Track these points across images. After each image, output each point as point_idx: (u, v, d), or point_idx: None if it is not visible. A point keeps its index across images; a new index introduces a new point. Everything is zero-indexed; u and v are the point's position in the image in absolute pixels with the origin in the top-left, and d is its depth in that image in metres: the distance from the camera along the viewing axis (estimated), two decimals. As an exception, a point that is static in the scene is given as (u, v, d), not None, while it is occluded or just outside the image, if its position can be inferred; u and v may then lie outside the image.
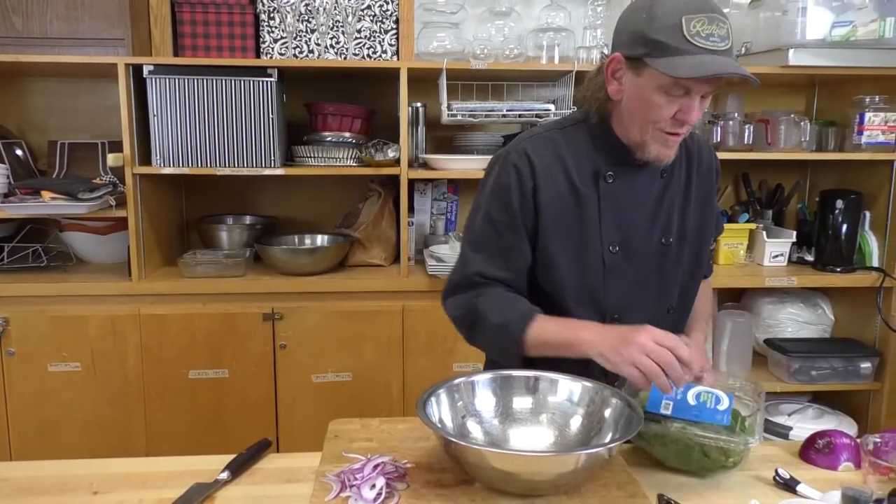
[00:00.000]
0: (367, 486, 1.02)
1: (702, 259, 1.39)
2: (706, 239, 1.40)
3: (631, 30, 1.18)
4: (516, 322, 1.23)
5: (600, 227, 1.27)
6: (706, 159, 1.39)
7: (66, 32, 2.31)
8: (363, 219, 2.50)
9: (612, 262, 1.28)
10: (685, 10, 1.11)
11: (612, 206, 1.28)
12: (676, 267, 1.34)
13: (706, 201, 1.38)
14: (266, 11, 2.37)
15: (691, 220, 1.34)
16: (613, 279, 1.29)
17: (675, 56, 1.11)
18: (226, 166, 2.28)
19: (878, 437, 1.16)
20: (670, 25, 1.11)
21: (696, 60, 1.10)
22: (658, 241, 1.31)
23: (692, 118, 1.17)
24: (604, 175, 1.27)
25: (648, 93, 1.17)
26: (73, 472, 1.15)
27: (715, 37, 1.11)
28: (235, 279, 2.31)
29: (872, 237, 2.50)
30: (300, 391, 2.30)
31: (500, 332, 1.24)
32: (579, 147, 1.29)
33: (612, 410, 1.11)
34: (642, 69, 1.16)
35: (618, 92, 1.23)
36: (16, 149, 2.50)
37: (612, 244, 1.28)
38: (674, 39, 1.11)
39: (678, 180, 1.34)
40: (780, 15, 2.32)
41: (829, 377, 2.44)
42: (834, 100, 2.69)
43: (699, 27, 1.10)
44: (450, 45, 2.46)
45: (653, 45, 1.13)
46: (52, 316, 2.20)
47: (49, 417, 2.24)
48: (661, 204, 1.31)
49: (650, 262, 1.31)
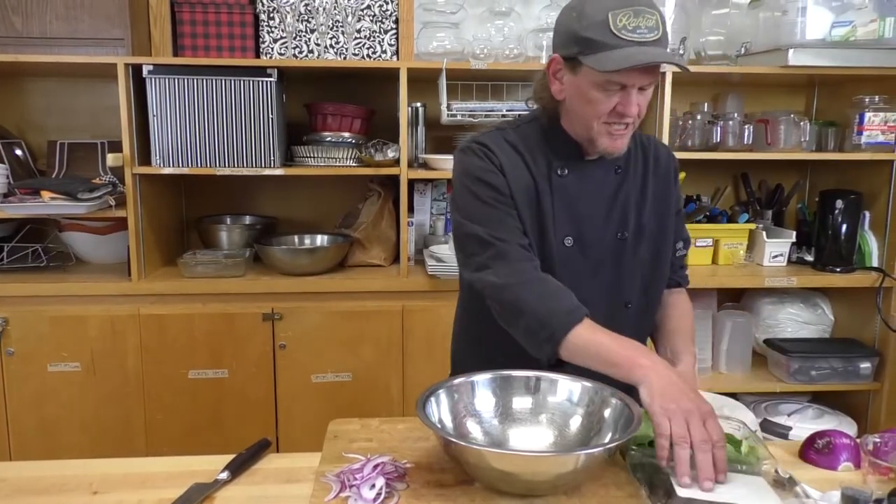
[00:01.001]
0: (367, 486, 1.02)
1: (662, 258, 1.38)
2: (666, 238, 1.39)
3: (564, 30, 1.21)
4: (562, 318, 1.16)
5: (554, 219, 1.29)
6: (663, 161, 1.40)
7: (66, 32, 2.31)
8: (363, 219, 2.50)
9: (566, 255, 1.30)
10: (612, 6, 1.14)
11: (565, 199, 1.30)
12: (634, 261, 1.34)
13: (664, 202, 1.38)
14: (266, 11, 2.37)
15: (648, 217, 1.35)
16: (569, 271, 1.29)
17: (604, 52, 1.14)
18: (225, 166, 2.28)
19: (878, 437, 1.16)
20: (598, 22, 1.15)
21: (623, 54, 1.13)
22: (614, 235, 1.32)
23: (631, 111, 1.20)
24: (556, 169, 1.30)
25: (586, 90, 1.20)
26: (72, 473, 1.15)
27: (642, 28, 1.14)
28: (235, 279, 2.31)
29: (872, 237, 2.50)
30: (300, 391, 2.30)
31: (539, 323, 1.17)
32: (533, 143, 1.32)
33: (611, 411, 1.11)
34: (578, 68, 1.19)
35: (560, 91, 1.26)
36: (15, 149, 2.50)
37: (566, 237, 1.30)
38: (602, 35, 1.14)
39: (634, 177, 1.35)
40: (780, 15, 2.32)
41: (828, 377, 2.44)
42: (834, 100, 2.69)
43: (625, 21, 1.14)
44: (449, 45, 2.46)
45: (584, 42, 1.16)
46: (52, 316, 2.20)
47: (48, 417, 2.24)
48: (616, 199, 1.33)
49: (606, 256, 1.33)
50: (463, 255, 1.30)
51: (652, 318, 1.43)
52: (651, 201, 1.36)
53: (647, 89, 1.21)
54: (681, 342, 1.37)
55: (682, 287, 1.50)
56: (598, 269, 1.32)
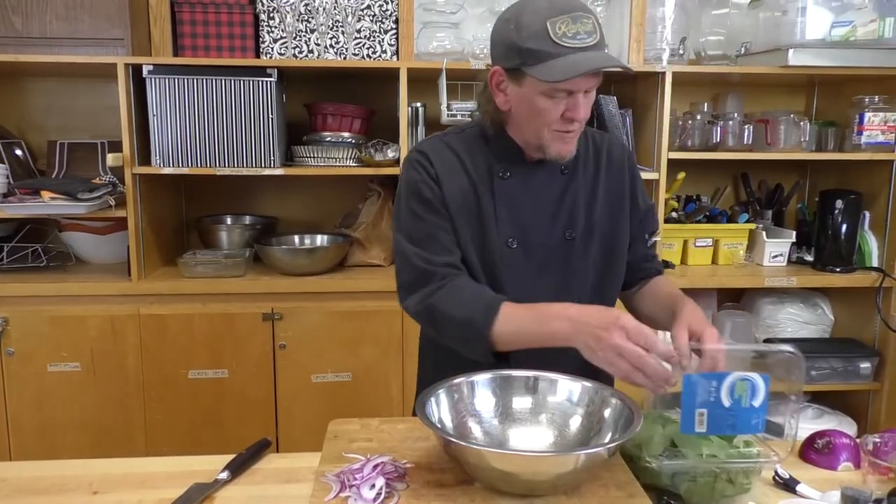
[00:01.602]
0: (367, 486, 1.02)
1: (616, 256, 1.38)
2: (620, 236, 1.38)
3: (503, 41, 1.22)
4: (481, 315, 1.19)
5: (496, 221, 1.29)
6: (617, 158, 1.39)
7: (66, 32, 2.30)
8: (363, 219, 2.50)
9: (510, 257, 1.30)
10: (548, 14, 1.15)
11: (508, 202, 1.30)
12: (583, 262, 1.34)
13: (618, 199, 1.38)
14: (266, 11, 2.37)
15: (599, 217, 1.35)
16: (512, 273, 1.30)
17: (547, 61, 1.14)
18: (225, 166, 2.28)
19: (878, 437, 1.16)
20: (537, 31, 1.15)
21: (567, 62, 1.13)
22: (561, 235, 1.32)
23: (580, 115, 1.20)
24: (498, 172, 1.30)
25: (533, 99, 1.20)
26: (72, 473, 1.15)
27: (582, 34, 1.14)
28: (235, 279, 2.31)
29: (872, 237, 2.50)
30: (300, 391, 2.30)
31: (464, 327, 1.20)
32: (474, 148, 1.33)
33: (611, 410, 1.11)
34: (522, 78, 1.19)
35: (505, 103, 1.26)
36: (15, 149, 2.50)
37: (509, 239, 1.30)
38: (543, 45, 1.14)
39: (583, 176, 1.35)
40: (780, 15, 2.32)
41: (828, 377, 2.45)
42: (833, 100, 2.69)
43: (564, 28, 1.14)
44: (449, 45, 2.46)
45: (526, 53, 1.16)
46: (52, 316, 2.20)
47: (48, 417, 2.24)
48: (563, 199, 1.33)
49: (553, 257, 1.32)
50: (397, 275, 1.33)
51: None
52: (603, 199, 1.35)
53: (591, 91, 1.22)
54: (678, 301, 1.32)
55: (660, 274, 1.48)
56: (543, 270, 1.32)
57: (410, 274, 1.28)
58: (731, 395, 1.03)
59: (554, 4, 1.15)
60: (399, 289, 1.32)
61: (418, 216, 1.29)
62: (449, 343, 1.27)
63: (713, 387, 1.02)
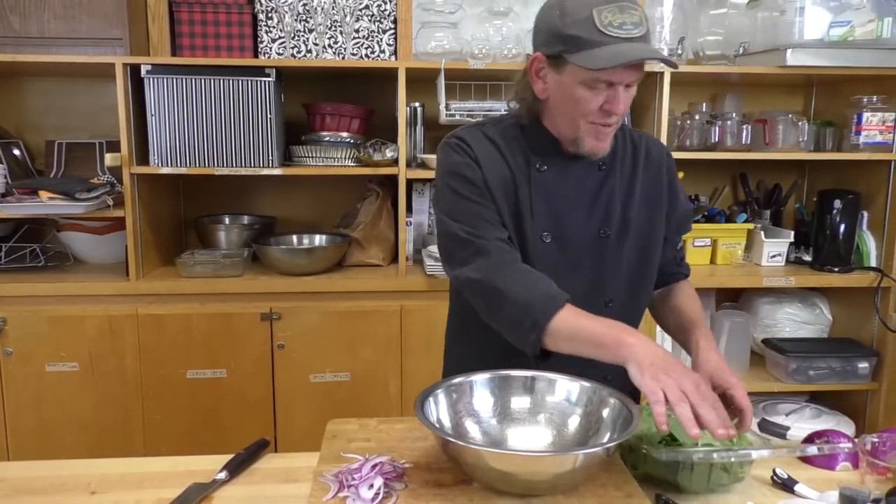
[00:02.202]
0: (365, 486, 1.02)
1: (650, 255, 1.36)
2: (655, 235, 1.37)
3: (547, 28, 1.20)
4: (542, 304, 1.14)
5: (532, 214, 1.28)
6: (655, 157, 1.38)
7: (64, 32, 2.30)
8: (361, 219, 2.50)
9: (544, 250, 1.28)
10: (595, 2, 1.13)
11: (544, 195, 1.28)
12: (617, 260, 1.32)
13: (655, 199, 1.36)
14: (264, 11, 2.37)
15: (635, 215, 1.33)
16: (546, 267, 1.27)
17: (591, 49, 1.12)
18: (224, 166, 2.28)
19: (876, 437, 1.16)
20: (582, 19, 1.13)
21: (611, 51, 1.12)
22: (596, 232, 1.31)
23: (619, 108, 1.18)
24: (534, 164, 1.29)
25: (572, 88, 1.18)
26: (70, 473, 1.15)
27: (628, 24, 1.12)
28: (233, 279, 2.31)
29: (870, 237, 2.50)
30: (298, 391, 2.30)
31: (521, 311, 1.16)
32: (512, 138, 1.31)
33: (609, 410, 1.11)
34: (563, 66, 1.17)
35: (543, 91, 1.24)
36: (13, 148, 2.50)
37: (543, 233, 1.28)
38: (587, 32, 1.12)
39: (621, 174, 1.33)
40: (778, 15, 2.32)
41: (826, 377, 2.45)
42: (832, 100, 2.69)
43: (610, 17, 1.12)
44: (448, 44, 2.46)
45: (568, 40, 1.14)
46: (50, 316, 2.20)
47: (47, 417, 2.23)
48: (600, 196, 1.31)
49: (587, 253, 1.31)
50: (445, 254, 1.30)
51: (637, 317, 1.40)
52: (640, 198, 1.34)
53: (633, 86, 1.20)
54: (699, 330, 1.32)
55: (687, 278, 1.49)
56: (577, 266, 1.31)
57: (462, 251, 1.24)
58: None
59: None
60: (446, 263, 1.29)
61: (462, 195, 1.26)
62: (496, 323, 1.22)
63: None
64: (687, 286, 1.47)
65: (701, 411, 0.98)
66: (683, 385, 1.00)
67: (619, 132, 1.33)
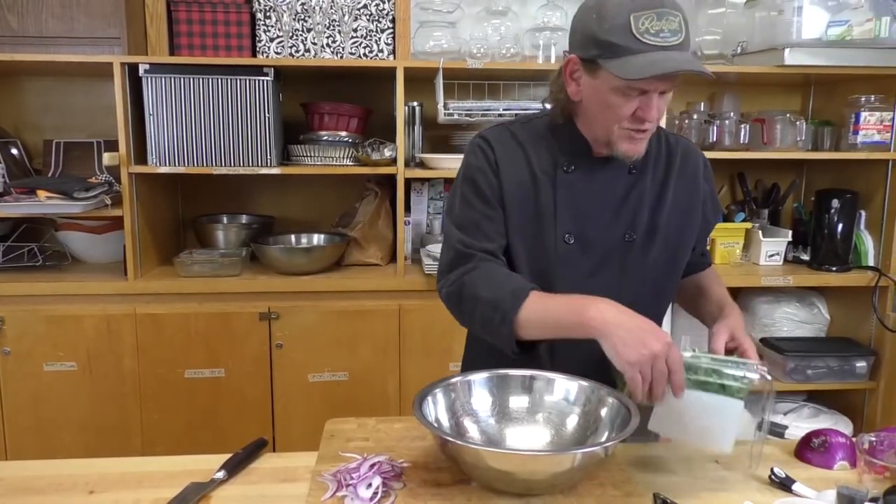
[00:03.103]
0: (364, 486, 1.02)
1: (678, 261, 1.36)
2: (685, 245, 1.36)
3: (583, 30, 1.17)
4: (509, 298, 1.16)
5: (555, 215, 1.27)
6: (691, 165, 1.35)
7: (62, 31, 2.30)
8: (360, 218, 2.50)
9: (566, 252, 1.28)
10: (633, 7, 1.10)
11: (569, 196, 1.27)
12: (641, 265, 1.31)
13: (687, 207, 1.34)
14: (262, 10, 2.37)
15: (665, 222, 1.31)
16: (567, 269, 1.27)
17: (626, 56, 1.10)
18: (222, 165, 2.28)
19: (874, 436, 1.16)
20: (619, 24, 1.10)
21: (647, 59, 1.09)
22: (621, 235, 1.29)
23: (652, 116, 1.17)
24: (562, 165, 1.28)
25: (605, 94, 1.16)
26: (68, 472, 1.15)
27: (665, 32, 1.10)
28: (231, 278, 2.31)
29: (868, 236, 2.51)
30: (296, 391, 2.30)
31: (490, 309, 1.18)
32: (539, 139, 1.30)
33: (608, 409, 1.11)
34: (597, 71, 1.16)
35: (577, 93, 1.23)
36: (11, 148, 2.49)
37: (567, 234, 1.27)
38: (624, 39, 1.10)
39: (652, 178, 1.31)
40: (776, 14, 2.32)
41: (824, 376, 2.45)
42: (830, 99, 2.70)
43: (648, 24, 1.09)
44: (446, 44, 2.46)
45: (604, 46, 1.12)
46: (48, 315, 2.20)
47: (45, 417, 2.23)
48: (628, 199, 1.29)
49: (610, 257, 1.30)
50: (439, 262, 1.33)
51: (658, 322, 1.37)
52: (670, 205, 1.31)
53: (668, 93, 1.18)
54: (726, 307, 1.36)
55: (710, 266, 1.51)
56: (598, 269, 1.29)
57: (447, 256, 1.28)
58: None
59: None
60: (438, 274, 1.32)
61: (468, 203, 1.28)
62: (473, 328, 1.26)
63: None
64: (710, 271, 1.49)
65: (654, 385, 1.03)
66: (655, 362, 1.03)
67: (655, 135, 1.31)
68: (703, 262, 1.49)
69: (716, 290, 1.42)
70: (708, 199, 1.39)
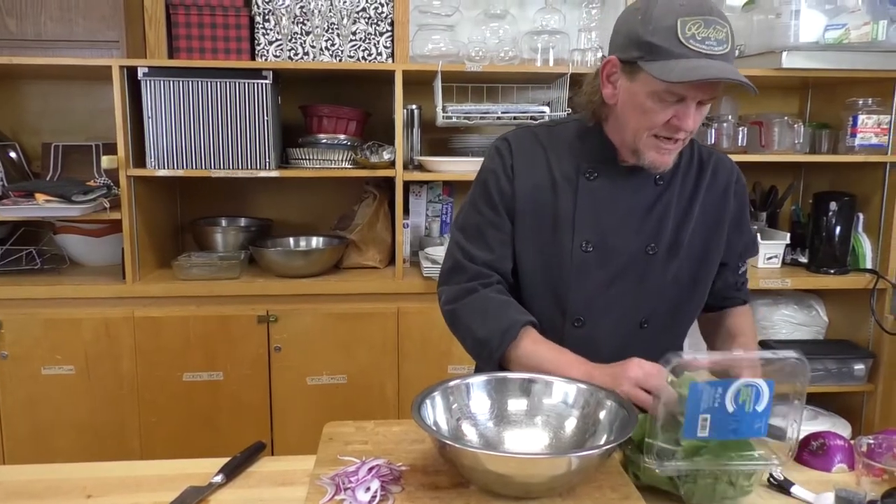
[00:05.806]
0: (362, 489, 1.02)
1: (702, 279, 1.31)
2: (710, 258, 1.30)
3: (626, 32, 1.15)
4: (496, 339, 1.21)
5: (574, 222, 1.25)
6: (722, 179, 1.31)
7: (61, 34, 2.30)
8: (358, 221, 2.50)
9: (582, 261, 1.25)
10: (682, 11, 1.08)
11: (591, 203, 1.25)
12: (661, 280, 1.27)
13: (715, 222, 1.30)
14: (261, 14, 2.37)
15: (690, 236, 1.27)
16: (582, 279, 1.25)
17: (668, 60, 1.08)
18: (220, 168, 2.28)
19: (872, 439, 1.16)
20: (665, 27, 1.08)
21: (689, 65, 1.07)
22: (642, 248, 1.26)
23: (688, 125, 1.13)
24: (585, 171, 1.25)
25: (642, 98, 1.14)
26: (66, 476, 1.14)
27: (711, 40, 1.08)
28: (230, 281, 2.31)
29: (866, 239, 2.51)
30: (295, 394, 2.30)
31: (479, 345, 1.23)
32: (564, 143, 1.28)
33: (606, 413, 1.11)
34: (636, 73, 1.13)
35: (612, 96, 1.20)
36: (9, 151, 2.49)
37: (585, 242, 1.24)
38: (668, 42, 1.08)
39: (680, 191, 1.28)
40: (774, 18, 2.33)
41: (822, 379, 2.45)
42: (827, 102, 2.70)
43: (695, 30, 1.07)
44: (445, 47, 2.46)
45: (647, 47, 1.10)
46: (46, 318, 2.20)
47: (42, 421, 2.23)
48: (652, 211, 1.26)
49: (629, 269, 1.26)
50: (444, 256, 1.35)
51: (676, 342, 1.35)
52: (697, 219, 1.28)
53: (706, 104, 1.15)
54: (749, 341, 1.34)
55: (747, 304, 1.42)
56: (616, 280, 1.26)
57: (447, 263, 1.31)
58: (735, 401, 1.02)
59: (690, 2, 1.08)
60: (438, 277, 1.34)
61: (476, 206, 1.29)
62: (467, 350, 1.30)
63: (718, 393, 1.01)
64: (745, 310, 1.41)
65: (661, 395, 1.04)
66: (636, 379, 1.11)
67: (688, 147, 1.28)
68: (738, 297, 1.40)
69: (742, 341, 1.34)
70: (742, 217, 1.33)
